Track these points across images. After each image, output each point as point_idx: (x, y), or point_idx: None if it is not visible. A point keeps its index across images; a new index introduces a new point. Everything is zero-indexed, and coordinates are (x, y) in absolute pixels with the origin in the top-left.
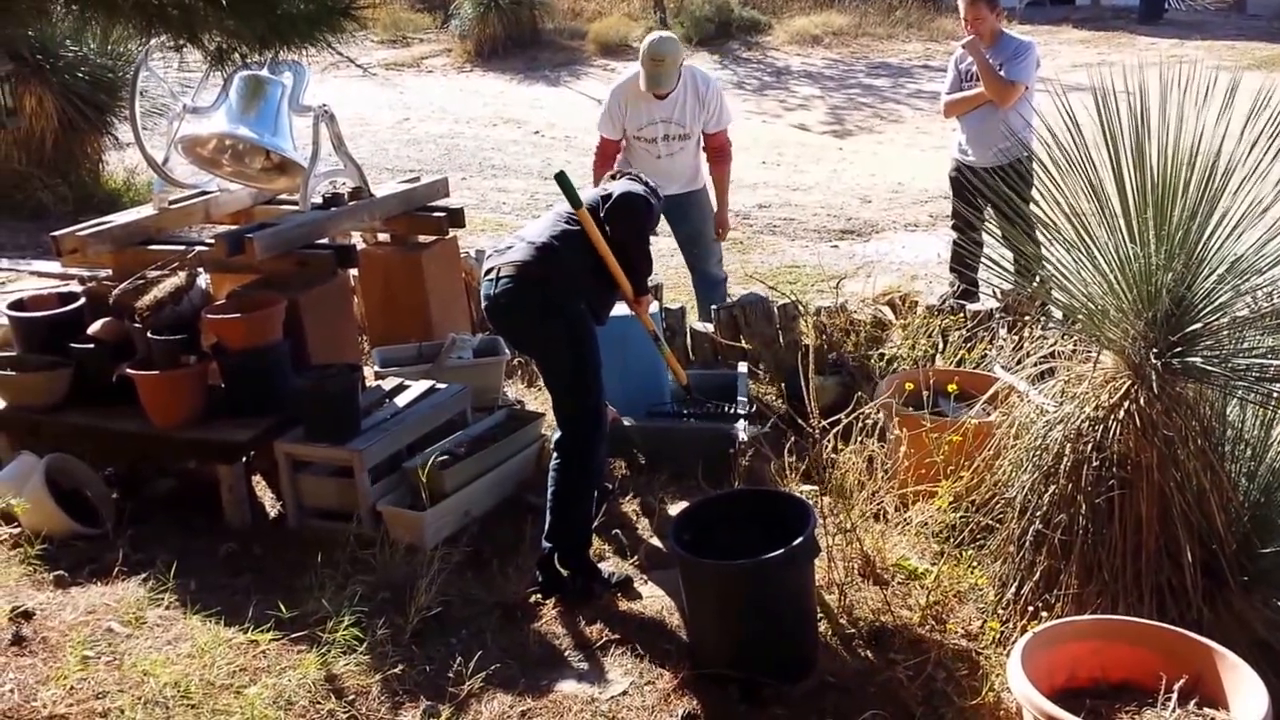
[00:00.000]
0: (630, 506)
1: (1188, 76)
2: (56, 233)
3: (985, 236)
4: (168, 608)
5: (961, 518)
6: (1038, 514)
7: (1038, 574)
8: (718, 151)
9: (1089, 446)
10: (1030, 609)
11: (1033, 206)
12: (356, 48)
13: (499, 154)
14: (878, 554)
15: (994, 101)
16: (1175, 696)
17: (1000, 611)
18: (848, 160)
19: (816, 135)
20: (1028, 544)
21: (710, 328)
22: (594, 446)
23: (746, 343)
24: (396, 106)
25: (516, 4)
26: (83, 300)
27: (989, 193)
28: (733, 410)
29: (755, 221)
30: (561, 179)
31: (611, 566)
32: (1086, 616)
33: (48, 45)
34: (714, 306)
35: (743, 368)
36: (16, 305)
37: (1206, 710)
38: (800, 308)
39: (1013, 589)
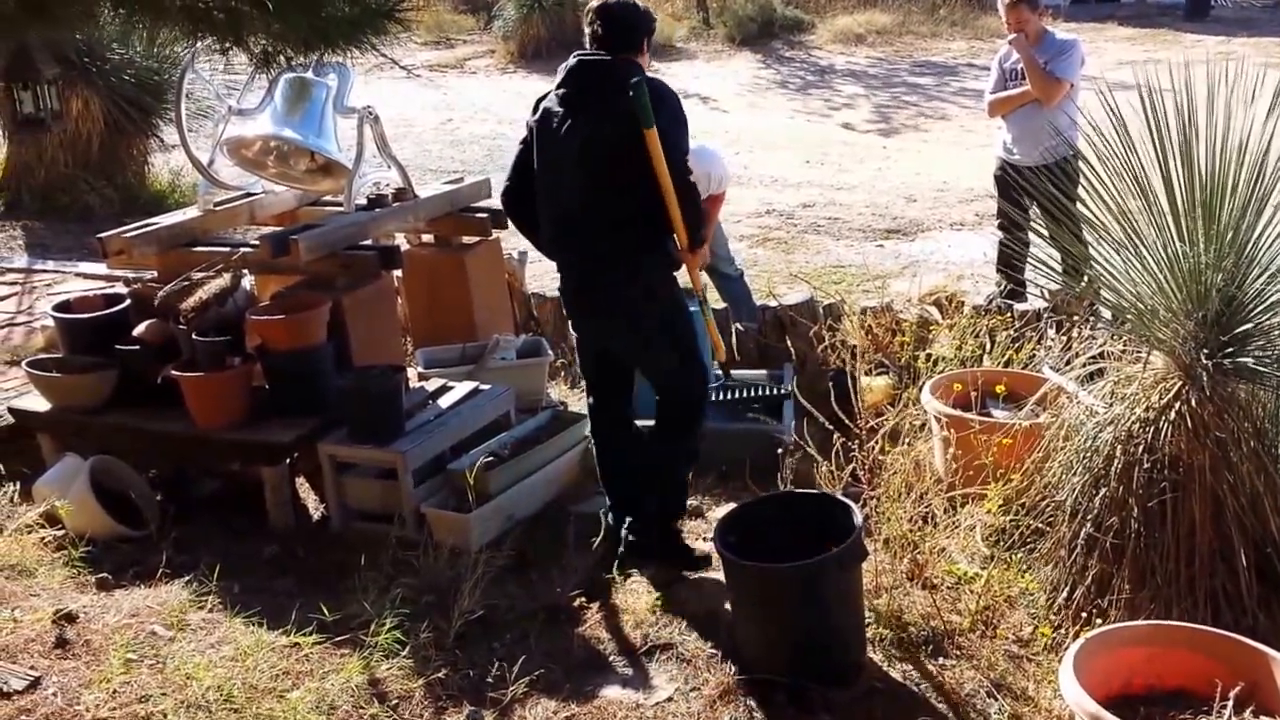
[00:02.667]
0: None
1: (1235, 73)
2: (102, 234)
3: (1032, 235)
4: (211, 610)
5: (1011, 521)
6: (1089, 517)
7: (1090, 579)
8: None
9: (1140, 448)
10: (1083, 614)
11: (1079, 205)
12: (400, 49)
13: None
14: (926, 558)
15: (1039, 100)
16: (1231, 704)
17: (1052, 617)
18: (892, 159)
19: (861, 134)
20: (1079, 548)
21: (754, 327)
22: (703, 412)
23: (792, 343)
24: (440, 107)
25: (560, 5)
26: (128, 302)
27: (1035, 191)
28: (777, 391)
29: (799, 221)
30: (639, 90)
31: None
32: (1140, 622)
33: (94, 48)
34: (761, 305)
35: (789, 370)
36: (62, 307)
37: (1263, 718)
38: (846, 307)
39: (1064, 594)
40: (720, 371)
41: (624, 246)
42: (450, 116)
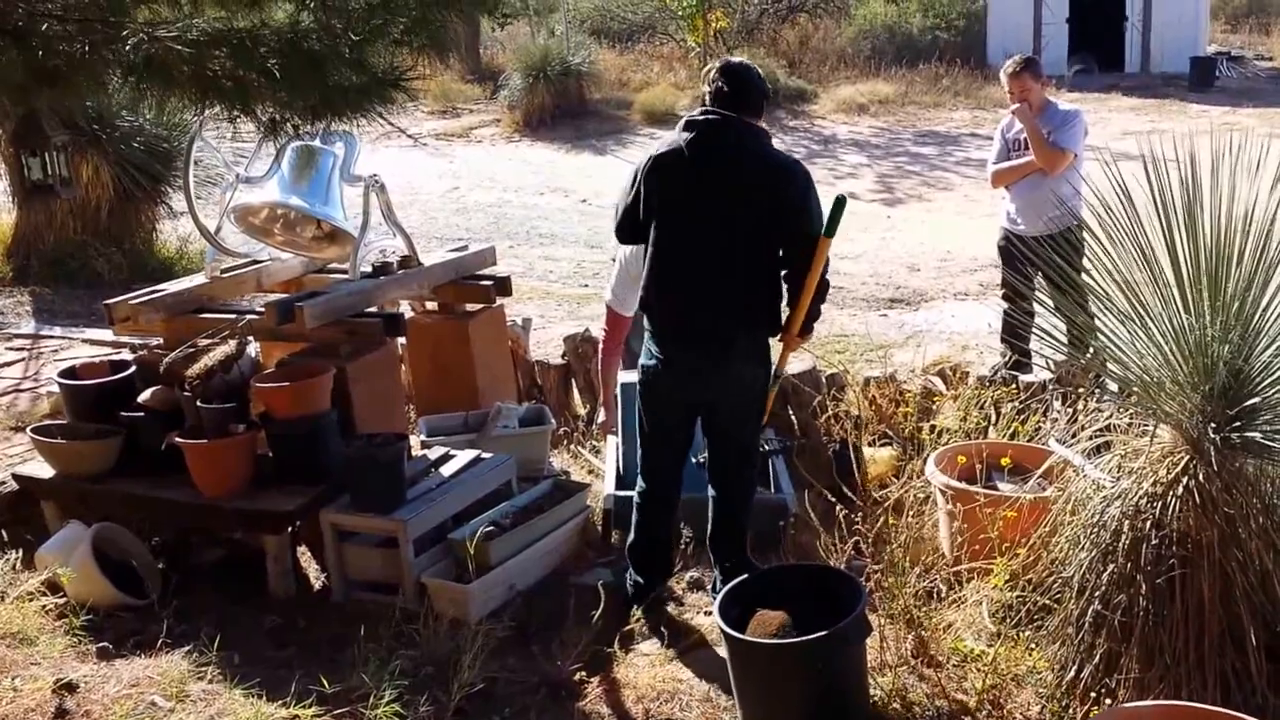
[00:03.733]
0: (680, 583)
1: (1240, 143)
2: (109, 300)
3: (1036, 306)
4: (210, 681)
5: (1018, 597)
6: (1096, 594)
7: (1098, 657)
8: None
9: (1148, 523)
10: (1091, 693)
11: (1084, 276)
12: (407, 118)
13: (546, 222)
14: (931, 634)
15: (1043, 170)
16: None
17: (1059, 696)
18: (896, 228)
19: (865, 203)
20: (1087, 625)
21: None
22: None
23: (794, 413)
24: (446, 175)
25: (565, 75)
26: (134, 368)
27: (1039, 262)
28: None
29: None
30: (840, 205)
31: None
32: (1149, 702)
33: (104, 115)
34: None
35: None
36: (68, 373)
37: None
38: (849, 377)
39: (1072, 672)
40: None
41: (756, 308)
42: (456, 184)
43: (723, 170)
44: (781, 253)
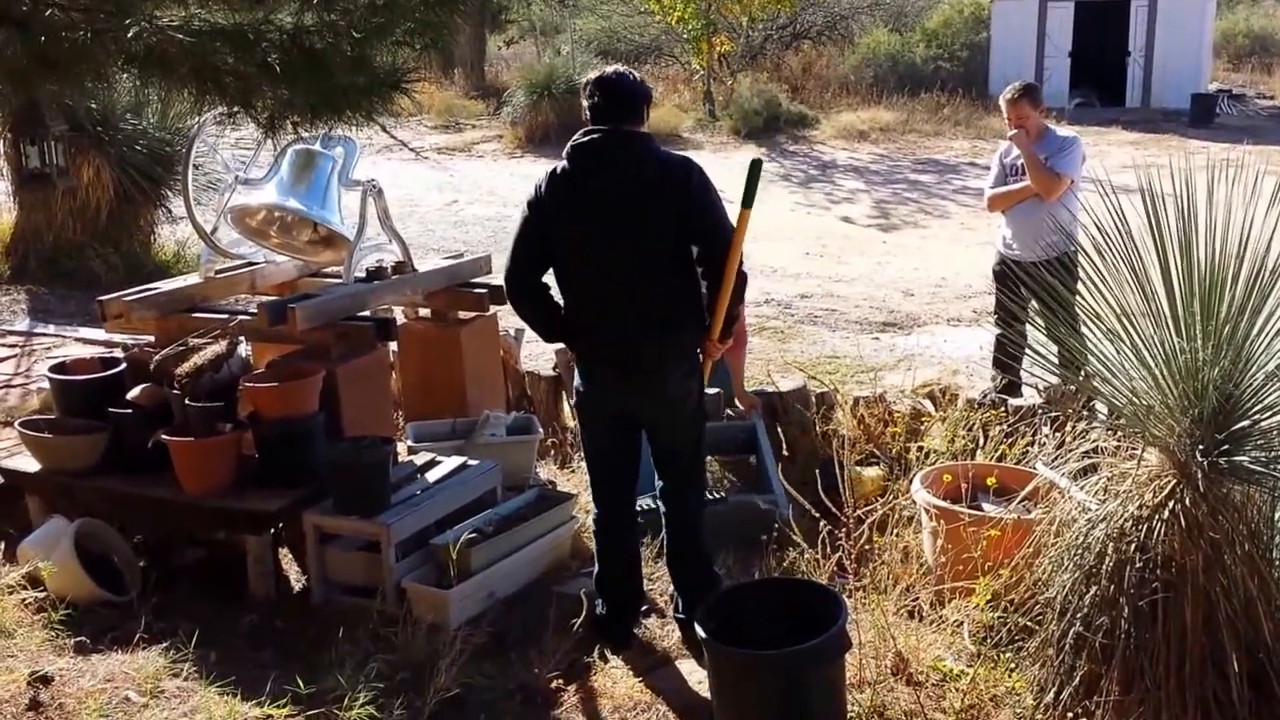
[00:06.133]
0: (660, 595)
1: (1236, 172)
2: (102, 298)
3: (1029, 330)
4: (186, 679)
5: (999, 618)
6: (1078, 616)
7: (1077, 679)
8: None
9: (1132, 547)
10: (1069, 716)
11: (1078, 299)
12: (409, 132)
13: None
14: (912, 653)
15: (1039, 195)
16: None
17: (1039, 718)
18: (891, 253)
19: (861, 228)
20: (1067, 647)
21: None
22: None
23: (783, 430)
24: (445, 189)
25: (569, 93)
26: (124, 365)
27: (1033, 286)
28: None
29: (796, 311)
30: (755, 169)
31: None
32: None
33: (108, 117)
34: (755, 390)
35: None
36: (58, 368)
37: None
38: (838, 397)
39: (1051, 694)
40: None
41: (678, 315)
42: (455, 198)
43: (616, 185)
44: (696, 252)
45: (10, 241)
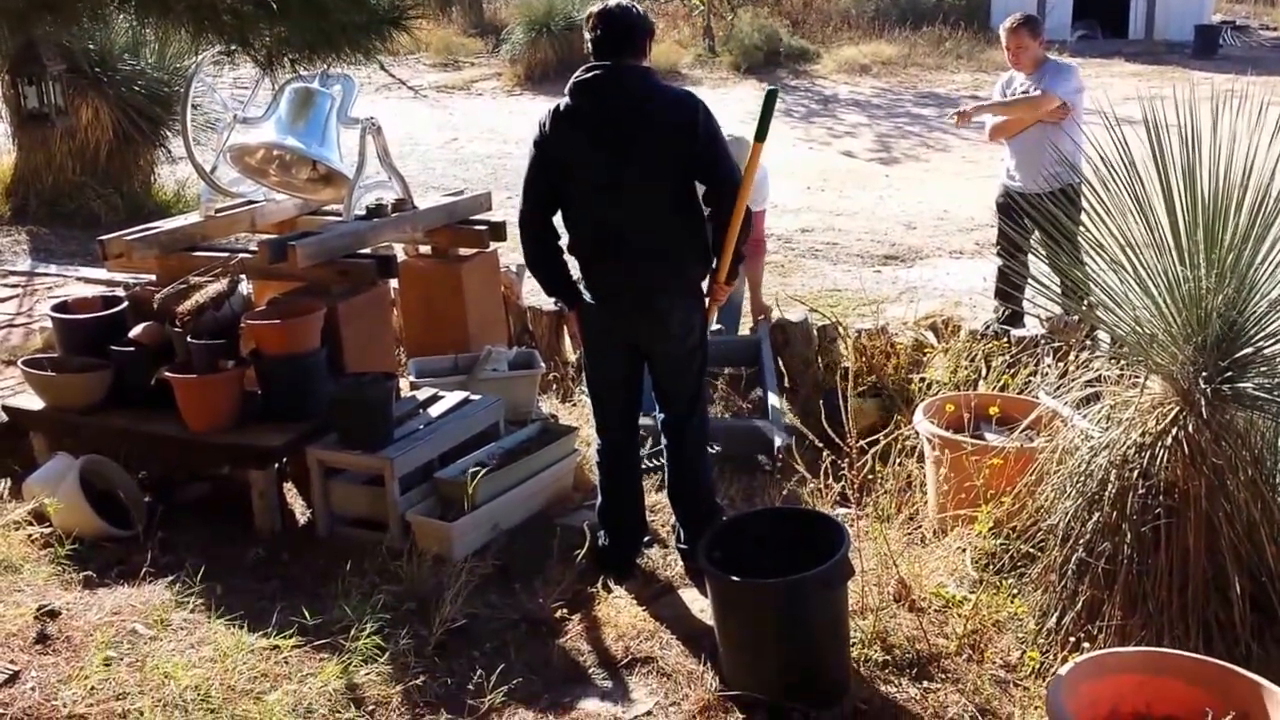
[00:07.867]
0: (660, 520)
1: (1240, 102)
2: (104, 237)
3: (1032, 260)
4: (193, 611)
5: (1001, 545)
6: (1081, 542)
7: (1080, 604)
8: None
9: (1135, 473)
10: (1072, 640)
11: (1081, 229)
12: (408, 70)
13: None
14: (914, 579)
15: (1042, 121)
16: None
17: (1040, 642)
18: (894, 187)
19: (863, 162)
20: (1070, 573)
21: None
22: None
23: (786, 363)
24: (445, 127)
25: (568, 29)
26: (125, 304)
27: (1037, 217)
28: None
29: (797, 245)
30: (770, 100)
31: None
32: (1131, 648)
33: (106, 58)
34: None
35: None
36: (60, 307)
37: None
38: (840, 329)
39: (1054, 619)
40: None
41: (686, 250)
42: (455, 136)
43: (619, 120)
44: (701, 190)
45: (10, 182)
